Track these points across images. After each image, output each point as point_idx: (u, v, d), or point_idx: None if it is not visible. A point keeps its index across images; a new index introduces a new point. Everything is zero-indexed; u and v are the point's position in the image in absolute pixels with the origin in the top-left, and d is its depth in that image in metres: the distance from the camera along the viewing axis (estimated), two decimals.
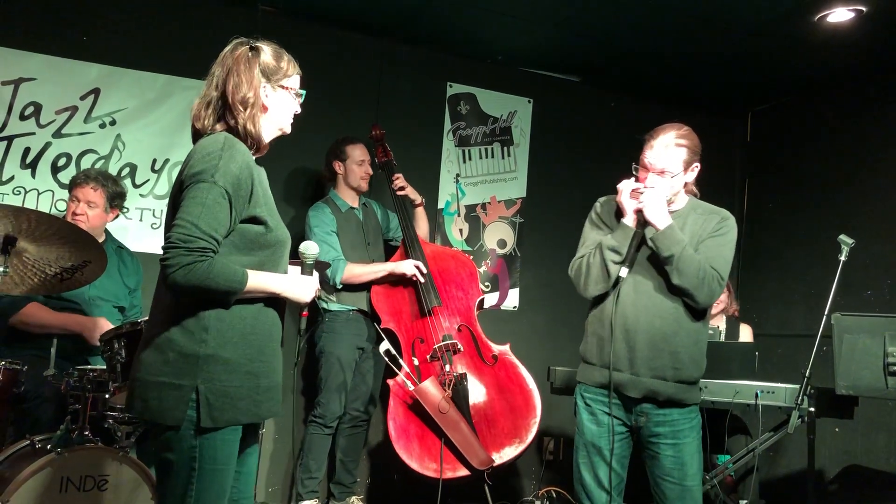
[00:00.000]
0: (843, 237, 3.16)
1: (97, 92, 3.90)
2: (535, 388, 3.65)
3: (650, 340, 2.47)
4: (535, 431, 3.59)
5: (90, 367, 2.90)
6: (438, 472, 3.45)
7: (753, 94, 5.14)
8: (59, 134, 3.83)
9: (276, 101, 1.97)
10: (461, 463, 3.49)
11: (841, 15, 3.82)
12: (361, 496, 4.11)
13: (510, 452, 3.57)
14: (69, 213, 3.28)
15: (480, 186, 4.80)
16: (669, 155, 2.48)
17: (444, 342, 3.72)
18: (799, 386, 3.04)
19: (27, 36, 3.77)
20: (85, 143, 3.87)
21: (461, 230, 4.73)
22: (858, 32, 3.98)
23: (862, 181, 4.58)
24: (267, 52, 1.96)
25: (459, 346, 3.74)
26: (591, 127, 5.07)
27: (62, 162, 3.84)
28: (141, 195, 3.98)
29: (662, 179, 2.48)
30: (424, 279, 3.79)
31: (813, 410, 3.03)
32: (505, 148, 4.88)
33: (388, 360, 3.48)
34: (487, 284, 4.73)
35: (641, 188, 2.50)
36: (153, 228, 3.98)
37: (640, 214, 2.49)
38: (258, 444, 2.04)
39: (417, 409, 3.52)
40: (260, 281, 1.85)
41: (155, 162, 4.01)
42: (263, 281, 1.86)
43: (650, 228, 2.48)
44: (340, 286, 3.78)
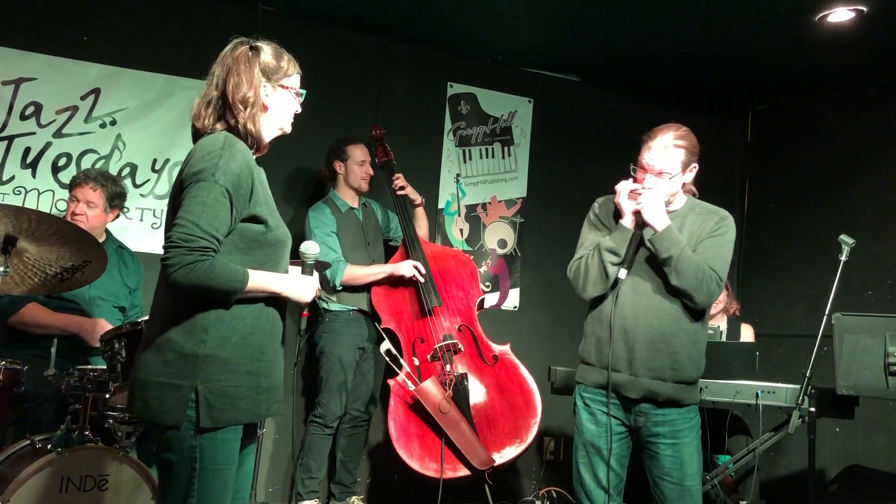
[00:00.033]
0: (843, 237, 3.16)
1: (97, 92, 3.90)
2: (535, 388, 3.65)
3: (649, 341, 2.46)
4: (535, 431, 3.59)
5: (90, 366, 2.90)
6: (439, 471, 3.45)
7: (754, 94, 5.14)
8: (59, 134, 3.83)
9: (276, 100, 1.96)
10: (462, 463, 3.49)
11: (841, 15, 3.82)
12: (362, 496, 4.11)
13: (510, 452, 3.57)
14: (69, 213, 3.28)
15: (481, 186, 4.80)
16: (667, 156, 2.47)
17: (444, 342, 3.71)
18: (799, 386, 3.04)
19: (27, 36, 3.77)
20: (85, 142, 3.88)
21: (461, 230, 4.73)
22: (859, 32, 3.98)
23: (862, 181, 4.57)
24: (267, 51, 1.96)
25: (460, 346, 3.74)
26: (591, 127, 5.07)
27: (62, 162, 3.84)
28: (141, 195, 3.98)
29: (660, 180, 2.48)
30: (424, 279, 3.79)
31: (813, 410, 3.03)
32: (505, 148, 4.87)
33: (388, 359, 3.48)
34: (488, 284, 4.73)
35: (640, 189, 2.49)
36: (153, 228, 3.98)
37: (638, 216, 2.48)
38: (256, 444, 2.04)
39: (418, 408, 3.52)
40: (261, 281, 1.84)
41: (155, 162, 4.02)
42: (264, 281, 1.85)
43: (648, 229, 2.48)
44: (340, 288, 3.78)
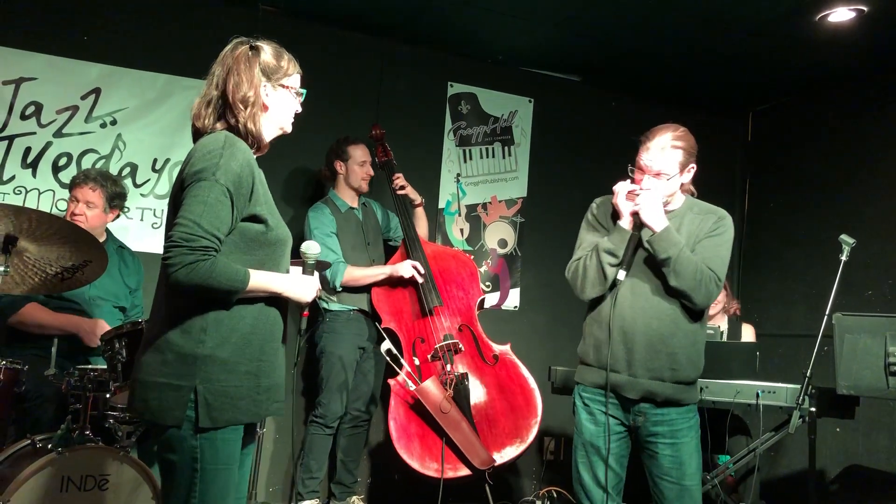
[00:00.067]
0: (843, 237, 3.16)
1: (98, 92, 3.90)
2: (535, 387, 3.65)
3: (648, 342, 2.46)
4: (535, 431, 3.59)
5: (91, 366, 2.90)
6: (439, 471, 3.45)
7: (754, 93, 5.13)
8: (59, 133, 3.83)
9: (276, 100, 1.97)
10: (462, 462, 3.49)
11: (842, 15, 3.81)
12: (362, 496, 4.10)
13: (511, 452, 3.57)
14: (68, 213, 3.28)
15: (481, 186, 4.80)
16: (665, 157, 2.46)
17: (445, 342, 3.71)
18: (800, 386, 3.04)
19: (28, 36, 3.77)
20: (86, 142, 3.88)
21: (462, 230, 4.73)
22: (859, 32, 3.98)
23: (863, 181, 4.57)
24: (267, 51, 1.96)
25: (460, 345, 3.74)
26: (591, 127, 5.07)
27: (63, 162, 3.84)
28: (142, 195, 3.98)
29: (658, 181, 2.47)
30: (424, 279, 3.79)
31: (814, 410, 3.03)
32: (506, 147, 4.87)
33: (389, 359, 3.48)
34: (488, 284, 4.73)
35: (637, 190, 2.49)
36: (154, 228, 3.98)
37: (636, 217, 2.48)
38: (256, 444, 2.04)
39: (418, 408, 3.52)
40: (262, 280, 1.84)
41: (156, 161, 4.02)
42: (265, 280, 1.85)
43: (646, 230, 2.48)
44: (340, 289, 3.78)
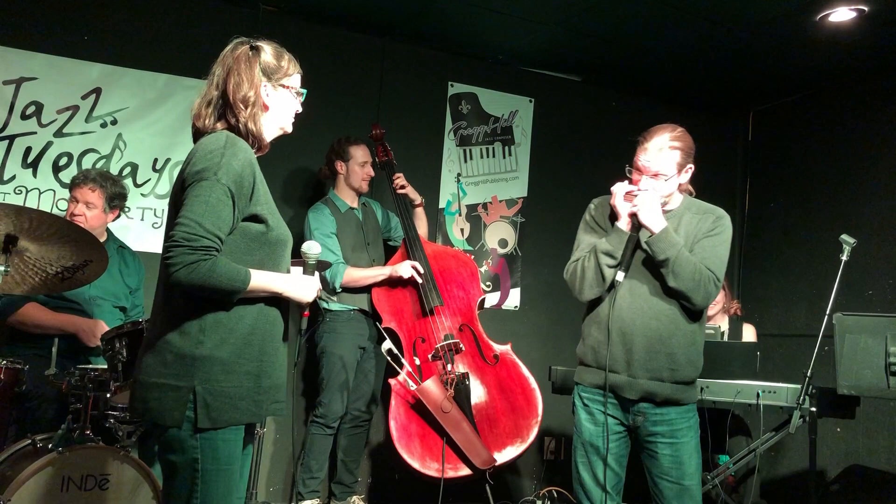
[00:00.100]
0: (844, 237, 3.15)
1: (98, 91, 3.90)
2: (536, 387, 3.65)
3: (647, 343, 2.46)
4: (536, 431, 3.59)
5: (91, 366, 2.90)
6: (440, 471, 3.45)
7: (755, 93, 5.13)
8: (60, 133, 3.83)
9: (276, 100, 1.97)
10: (463, 462, 3.49)
11: (842, 14, 3.81)
12: (363, 496, 4.10)
13: (511, 452, 3.57)
14: (68, 213, 3.28)
15: (482, 186, 4.80)
16: (663, 157, 2.46)
17: (445, 341, 3.71)
18: (800, 386, 3.04)
19: (29, 35, 3.77)
20: (86, 142, 3.88)
21: (462, 230, 4.73)
22: (860, 32, 3.98)
23: (864, 180, 4.57)
24: (267, 51, 1.96)
25: (461, 345, 3.73)
26: (592, 126, 5.07)
27: (63, 161, 3.84)
28: (142, 195, 3.98)
29: (656, 182, 2.47)
30: (423, 279, 3.79)
31: (814, 410, 3.03)
32: (506, 147, 4.87)
33: (389, 359, 3.48)
34: (488, 284, 4.73)
35: (635, 191, 2.48)
36: (154, 228, 3.98)
37: (634, 218, 2.47)
38: (255, 444, 2.04)
39: (419, 408, 3.52)
40: (263, 280, 1.84)
41: (156, 161, 4.02)
42: (266, 280, 1.85)
43: (644, 231, 2.47)
44: (340, 290, 3.78)
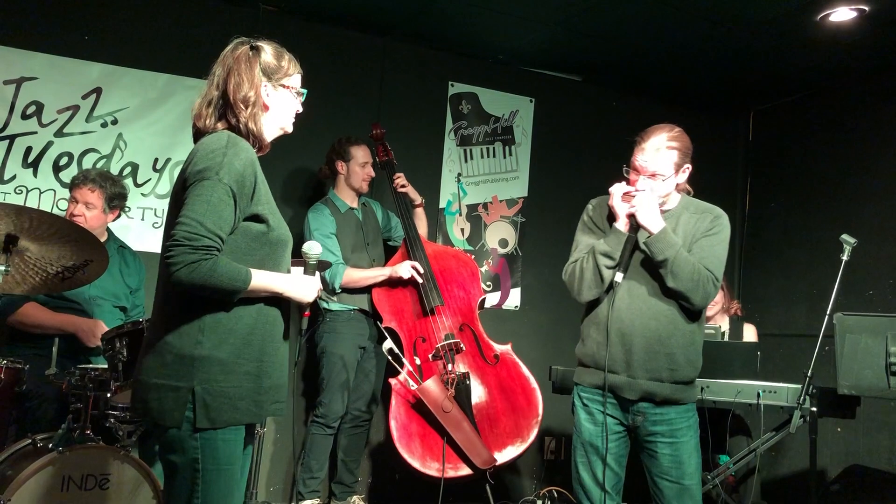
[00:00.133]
0: (845, 236, 3.15)
1: (99, 91, 3.90)
2: (536, 387, 3.65)
3: (646, 343, 2.46)
4: (536, 431, 3.59)
5: (92, 366, 2.90)
6: (440, 471, 3.45)
7: (755, 93, 5.13)
8: (60, 133, 3.83)
9: (277, 100, 1.97)
10: (463, 462, 3.48)
11: (843, 14, 3.81)
12: (363, 495, 4.10)
13: (512, 452, 3.57)
14: (68, 213, 3.28)
15: (482, 186, 4.80)
16: (660, 157, 2.46)
17: (446, 341, 3.71)
18: (801, 386, 3.04)
19: (29, 35, 3.77)
20: (87, 142, 3.88)
21: (463, 229, 4.73)
22: (860, 32, 3.97)
23: (864, 180, 4.57)
24: (268, 51, 1.96)
25: (462, 345, 3.73)
26: (592, 126, 5.06)
27: (64, 161, 3.84)
28: (142, 194, 3.98)
29: (654, 182, 2.47)
30: (424, 278, 3.78)
31: (815, 410, 3.03)
32: (507, 147, 4.87)
33: (390, 358, 3.48)
34: (489, 284, 4.73)
35: (633, 192, 2.48)
36: (155, 228, 3.98)
37: (632, 218, 2.47)
38: (255, 444, 2.03)
39: (419, 408, 3.52)
40: (263, 280, 1.84)
41: (156, 161, 4.02)
42: (267, 280, 1.85)
43: (643, 232, 2.47)
44: (340, 290, 3.78)
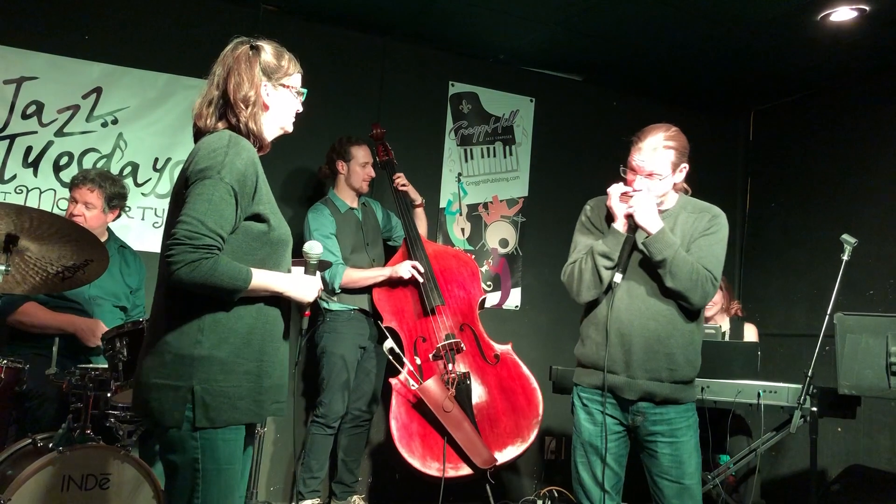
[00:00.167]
0: (845, 236, 3.15)
1: (99, 91, 3.90)
2: (537, 387, 3.65)
3: (645, 343, 2.46)
4: (536, 431, 3.59)
5: (92, 365, 2.90)
6: (441, 470, 3.45)
7: (756, 93, 5.13)
8: (61, 133, 3.83)
9: (277, 99, 1.97)
10: (464, 462, 3.49)
11: (843, 14, 3.81)
12: (363, 495, 4.11)
13: (512, 452, 3.57)
14: (67, 213, 3.28)
15: (482, 185, 4.80)
16: (657, 157, 2.46)
17: (446, 341, 3.71)
18: (801, 386, 3.04)
19: (29, 35, 3.77)
20: (87, 142, 3.88)
21: (463, 229, 4.73)
22: (861, 31, 3.97)
23: (865, 180, 4.57)
24: (268, 50, 1.96)
25: (462, 345, 3.73)
26: (593, 126, 5.06)
27: (64, 161, 3.84)
28: (143, 194, 3.98)
29: (651, 182, 2.47)
30: (424, 278, 3.78)
31: (815, 410, 3.03)
32: (507, 147, 4.87)
33: (391, 357, 3.48)
34: (489, 284, 4.73)
35: (631, 192, 2.49)
36: (155, 227, 3.98)
37: (630, 219, 2.47)
38: (255, 445, 2.03)
39: (420, 407, 3.52)
40: (264, 280, 1.84)
41: (157, 161, 4.02)
42: (267, 280, 1.85)
43: (641, 232, 2.47)
44: (339, 291, 3.78)
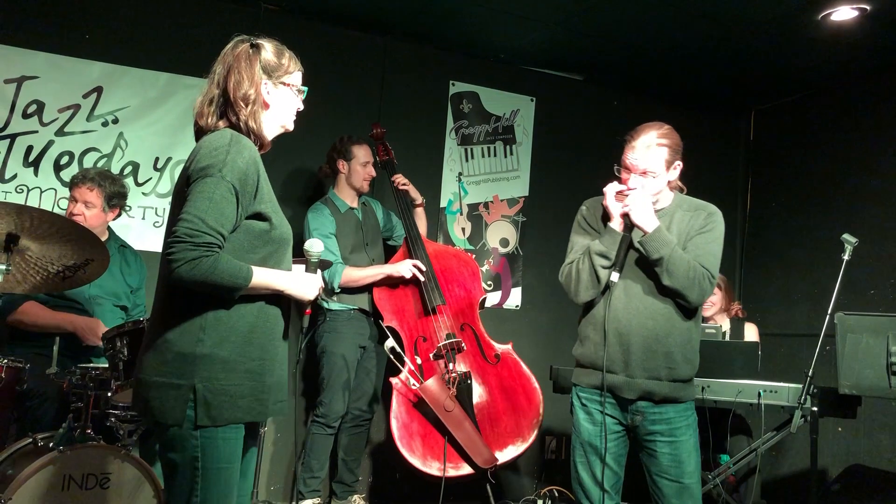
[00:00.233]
0: (846, 236, 3.15)
1: (99, 90, 3.90)
2: (537, 387, 3.65)
3: (644, 342, 2.46)
4: (537, 430, 3.59)
5: (92, 365, 2.90)
6: (441, 470, 3.45)
7: (756, 92, 5.13)
8: (61, 132, 3.83)
9: (277, 97, 1.96)
10: (464, 461, 3.49)
11: (844, 14, 3.81)
12: (364, 495, 4.11)
13: (512, 451, 3.57)
14: (67, 213, 3.28)
15: (483, 185, 4.79)
16: (651, 155, 2.46)
17: (447, 340, 3.71)
18: (802, 385, 3.04)
19: (30, 34, 3.77)
20: (87, 141, 3.87)
21: (463, 229, 4.72)
22: (862, 31, 3.97)
23: (866, 180, 4.57)
24: (268, 49, 1.96)
25: (463, 344, 3.73)
26: (593, 125, 5.06)
27: (65, 160, 3.84)
28: (143, 193, 3.98)
29: (645, 180, 2.47)
30: (426, 277, 3.78)
31: (816, 410, 3.03)
32: (507, 146, 4.87)
33: (392, 357, 3.48)
34: (490, 283, 4.73)
35: (626, 190, 2.49)
36: (155, 227, 3.98)
37: (626, 218, 2.48)
38: (257, 445, 2.03)
39: (421, 407, 3.52)
40: (265, 278, 1.84)
41: (157, 160, 4.02)
42: (268, 278, 1.85)
43: (637, 231, 2.47)
44: (339, 290, 3.77)
